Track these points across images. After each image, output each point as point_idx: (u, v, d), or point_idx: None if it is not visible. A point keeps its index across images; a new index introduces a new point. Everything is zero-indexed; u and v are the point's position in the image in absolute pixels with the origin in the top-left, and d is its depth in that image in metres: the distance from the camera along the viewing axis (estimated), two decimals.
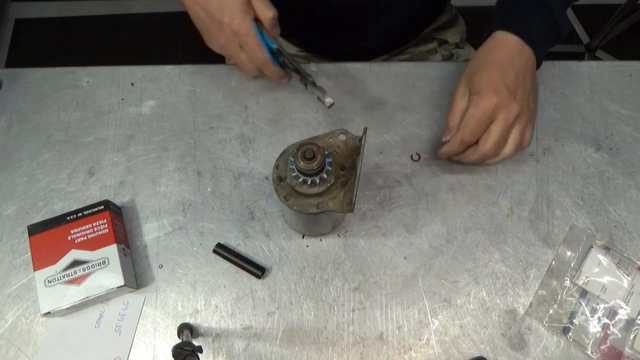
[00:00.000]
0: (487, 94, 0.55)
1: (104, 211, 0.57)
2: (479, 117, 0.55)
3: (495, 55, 0.57)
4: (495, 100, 0.54)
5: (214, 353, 0.56)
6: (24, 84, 0.70)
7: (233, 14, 0.58)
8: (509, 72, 0.56)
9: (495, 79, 0.55)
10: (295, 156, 0.45)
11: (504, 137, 0.56)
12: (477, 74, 0.57)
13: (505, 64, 0.56)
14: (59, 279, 0.54)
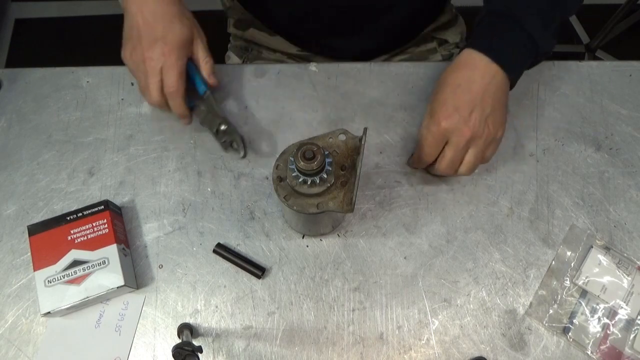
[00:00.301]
0: (437, 118, 0.54)
1: (104, 211, 0.57)
2: (430, 141, 0.55)
3: (455, 76, 0.56)
4: (444, 125, 0.54)
5: (214, 353, 0.56)
6: (24, 84, 0.70)
7: (173, 39, 0.59)
8: (463, 95, 0.54)
9: (448, 102, 0.54)
10: (295, 156, 0.45)
11: (457, 158, 0.55)
12: (434, 95, 0.57)
13: (461, 85, 0.55)
14: (59, 279, 0.54)
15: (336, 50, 0.82)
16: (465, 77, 0.55)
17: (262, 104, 0.68)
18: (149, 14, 0.59)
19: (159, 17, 0.59)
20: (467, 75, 0.55)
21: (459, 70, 0.56)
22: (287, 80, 0.69)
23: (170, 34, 0.59)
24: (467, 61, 0.56)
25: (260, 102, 0.68)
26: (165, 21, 0.59)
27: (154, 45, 0.58)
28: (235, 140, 0.63)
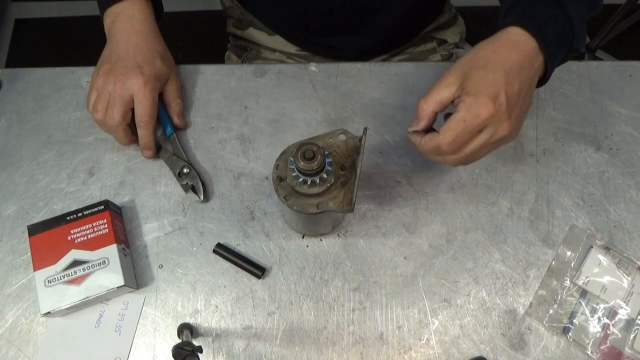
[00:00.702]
0: (485, 100, 0.46)
1: (104, 211, 0.57)
2: (469, 125, 0.46)
3: (506, 56, 0.48)
4: (492, 110, 0.46)
5: (214, 353, 0.56)
6: (24, 84, 0.70)
7: (151, 71, 0.59)
8: (514, 82, 0.47)
9: (499, 85, 0.46)
10: (295, 156, 0.45)
11: (478, 154, 0.49)
12: (477, 71, 0.47)
13: (513, 70, 0.47)
14: (59, 279, 0.54)
15: (335, 49, 0.82)
16: (517, 63, 0.48)
17: (262, 104, 0.68)
18: (132, 46, 0.60)
19: (142, 51, 0.60)
20: (518, 61, 0.48)
21: (511, 51, 0.48)
22: (287, 80, 0.69)
23: (148, 67, 0.60)
24: (518, 42, 0.48)
25: (260, 102, 0.68)
26: (147, 55, 0.60)
27: (131, 72, 0.59)
28: (195, 184, 0.62)
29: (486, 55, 0.49)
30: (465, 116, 0.46)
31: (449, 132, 0.47)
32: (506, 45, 0.49)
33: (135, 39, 0.61)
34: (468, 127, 0.46)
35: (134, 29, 0.61)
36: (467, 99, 0.46)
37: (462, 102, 0.47)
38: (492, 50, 0.49)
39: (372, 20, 0.76)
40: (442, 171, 0.64)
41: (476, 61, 0.49)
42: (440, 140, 0.48)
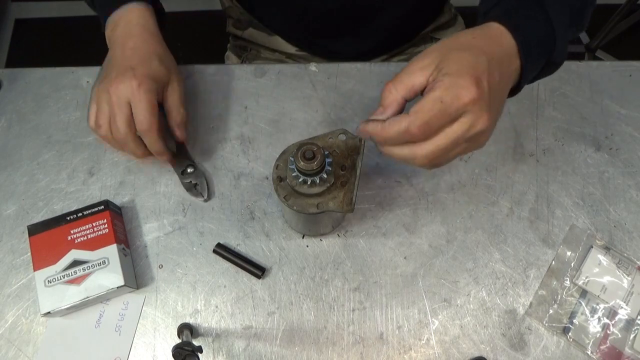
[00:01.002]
0: (468, 81, 0.40)
1: (104, 211, 0.57)
2: (447, 106, 0.40)
3: (487, 45, 0.44)
4: (475, 93, 0.40)
5: (214, 353, 0.56)
6: (24, 84, 0.70)
7: (144, 72, 0.55)
8: (495, 71, 0.42)
9: (481, 68, 0.41)
10: (295, 156, 0.45)
11: (451, 149, 0.42)
12: (457, 52, 0.42)
13: (494, 59, 0.43)
14: (59, 279, 0.54)
15: (334, 51, 0.82)
16: (499, 54, 0.43)
17: (262, 104, 0.68)
18: (129, 50, 0.57)
19: (139, 53, 0.57)
20: (499, 53, 0.44)
21: (492, 43, 0.44)
22: (287, 80, 0.69)
23: (142, 67, 0.55)
24: (499, 38, 0.44)
25: (260, 102, 0.68)
26: (142, 57, 0.56)
27: (123, 75, 0.54)
28: (199, 183, 0.62)
29: (466, 40, 0.44)
30: (443, 96, 0.40)
31: (421, 113, 0.40)
32: (486, 36, 0.45)
33: (132, 42, 0.57)
34: (446, 109, 0.40)
35: (132, 33, 0.58)
36: (446, 79, 0.40)
37: (439, 82, 0.41)
38: (472, 36, 0.45)
39: (372, 21, 0.76)
40: (442, 171, 0.64)
41: (455, 44, 0.44)
42: (411, 122, 0.40)
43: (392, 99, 0.44)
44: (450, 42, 0.44)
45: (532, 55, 0.46)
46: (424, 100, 0.40)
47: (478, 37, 0.44)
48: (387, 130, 0.42)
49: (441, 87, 0.40)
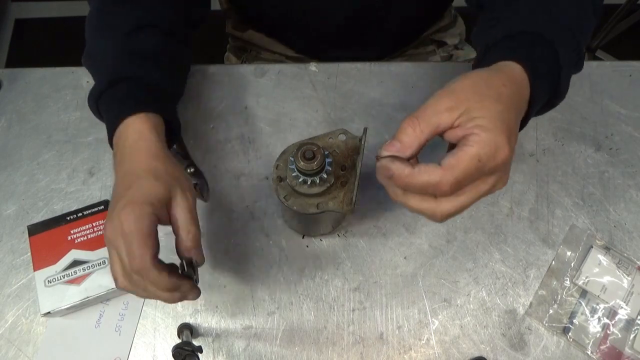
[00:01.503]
0: (504, 141, 0.37)
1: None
2: (483, 166, 0.37)
3: (515, 95, 0.41)
4: (508, 153, 0.37)
5: (214, 353, 0.56)
6: (24, 84, 0.70)
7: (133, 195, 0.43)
8: (517, 127, 0.41)
9: (512, 126, 0.39)
10: (295, 156, 0.45)
11: (469, 205, 0.39)
12: (490, 102, 0.38)
13: (519, 112, 0.41)
14: (59, 279, 0.54)
15: (337, 57, 0.82)
16: (520, 106, 0.42)
17: (262, 104, 0.68)
18: (121, 175, 0.47)
19: (129, 175, 0.46)
20: (520, 104, 0.42)
21: (517, 93, 0.41)
22: (287, 80, 0.69)
23: (130, 191, 0.44)
24: (520, 84, 0.42)
25: (260, 102, 0.68)
26: (132, 178, 0.45)
27: (111, 212, 0.43)
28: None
29: (497, 86, 0.40)
30: (480, 154, 0.36)
31: (457, 170, 0.36)
32: (514, 84, 0.41)
33: (123, 166, 0.47)
34: (482, 168, 0.37)
35: (124, 157, 0.48)
36: (483, 134, 0.37)
37: (474, 136, 0.37)
38: (503, 83, 0.40)
39: (372, 33, 0.76)
40: None
41: (486, 89, 0.39)
42: (444, 176, 0.36)
43: (414, 138, 0.38)
44: (480, 83, 0.40)
45: (540, 97, 0.44)
46: (460, 155, 0.36)
47: (507, 85, 0.40)
48: (415, 178, 0.37)
49: (478, 143, 0.37)
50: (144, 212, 0.42)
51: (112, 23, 0.54)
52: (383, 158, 0.39)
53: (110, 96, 0.51)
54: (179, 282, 0.45)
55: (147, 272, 0.42)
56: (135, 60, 0.52)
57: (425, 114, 0.38)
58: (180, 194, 0.46)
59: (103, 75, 0.52)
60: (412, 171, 0.37)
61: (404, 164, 0.38)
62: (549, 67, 0.44)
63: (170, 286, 0.44)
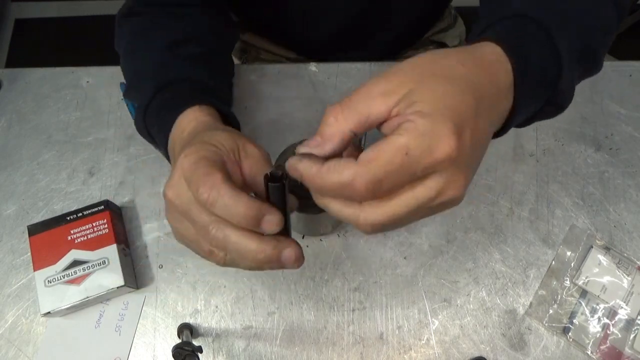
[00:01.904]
0: (448, 128, 0.28)
1: (104, 211, 0.57)
2: (413, 161, 0.28)
3: (478, 77, 0.32)
4: (454, 147, 0.28)
5: (214, 353, 0.56)
6: (24, 84, 0.70)
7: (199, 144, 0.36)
8: (483, 116, 0.31)
9: (467, 112, 0.30)
10: None
11: (409, 217, 0.30)
12: (438, 82, 0.30)
13: (485, 100, 0.31)
14: (59, 279, 0.54)
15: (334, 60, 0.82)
16: (491, 93, 0.32)
17: (262, 104, 0.68)
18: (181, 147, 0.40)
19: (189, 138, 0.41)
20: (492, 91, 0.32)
21: (483, 74, 0.32)
22: (287, 80, 0.69)
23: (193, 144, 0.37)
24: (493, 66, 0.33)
25: (260, 102, 0.68)
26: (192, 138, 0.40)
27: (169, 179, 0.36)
28: None
29: (450, 65, 0.31)
30: (410, 145, 0.28)
31: (374, 165, 0.28)
32: (478, 63, 0.32)
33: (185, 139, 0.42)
34: (410, 166, 0.28)
35: (183, 142, 0.42)
36: (418, 121, 0.28)
37: (409, 123, 0.29)
38: (460, 61, 0.32)
39: (371, 38, 0.76)
40: None
41: (435, 68, 0.31)
42: (357, 174, 0.28)
43: (335, 129, 0.31)
44: (428, 62, 0.32)
45: (530, 90, 0.35)
46: (382, 146, 0.29)
47: (467, 64, 0.32)
48: (323, 179, 0.30)
49: (409, 131, 0.28)
50: (205, 147, 0.35)
51: (149, 45, 0.52)
52: (292, 157, 0.31)
53: (156, 105, 0.47)
54: (262, 204, 0.32)
55: (218, 191, 0.32)
56: (178, 63, 0.50)
57: (353, 101, 0.31)
58: (250, 143, 0.38)
59: (146, 88, 0.47)
60: (321, 169, 0.30)
61: (313, 162, 0.30)
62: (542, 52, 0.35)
63: (252, 207, 0.32)
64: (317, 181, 0.30)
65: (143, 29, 0.54)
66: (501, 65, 0.33)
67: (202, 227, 0.34)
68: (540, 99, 0.37)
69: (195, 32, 0.54)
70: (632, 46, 1.72)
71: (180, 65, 0.50)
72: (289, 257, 0.33)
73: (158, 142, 0.47)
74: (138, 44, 0.54)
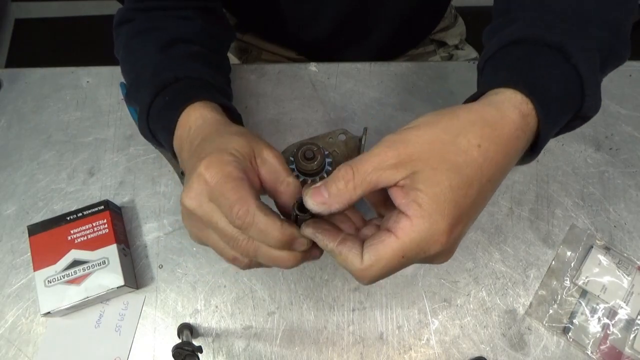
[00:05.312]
0: (442, 230, 0.31)
1: (104, 211, 0.57)
2: (407, 260, 0.32)
3: (492, 156, 0.32)
4: (443, 245, 0.32)
5: (214, 353, 0.56)
6: (24, 84, 0.70)
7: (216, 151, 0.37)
8: (485, 197, 0.34)
9: (466, 206, 0.32)
10: (295, 156, 0.45)
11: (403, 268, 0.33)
12: (441, 171, 0.31)
13: (492, 180, 0.33)
14: (59, 279, 0.54)
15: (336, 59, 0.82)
16: (502, 165, 0.33)
17: (262, 104, 0.68)
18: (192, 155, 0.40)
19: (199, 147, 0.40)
20: (504, 161, 0.33)
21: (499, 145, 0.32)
22: (287, 80, 0.69)
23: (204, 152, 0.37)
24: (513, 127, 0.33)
25: (260, 102, 0.68)
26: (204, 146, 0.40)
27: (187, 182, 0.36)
28: None
29: (468, 148, 0.32)
30: (406, 249, 0.31)
31: (377, 267, 0.32)
32: (499, 136, 0.32)
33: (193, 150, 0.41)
34: (407, 263, 0.32)
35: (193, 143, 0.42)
36: (416, 220, 0.31)
37: (406, 220, 0.31)
38: (478, 142, 0.32)
39: (365, 39, 0.76)
40: None
41: (449, 150, 0.32)
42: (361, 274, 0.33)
43: (345, 194, 0.32)
44: (445, 139, 0.32)
45: (553, 124, 0.36)
46: (382, 250, 0.31)
47: (485, 143, 0.32)
48: (336, 257, 0.34)
49: (407, 234, 0.31)
50: (226, 159, 0.35)
51: (143, 49, 0.52)
52: (307, 228, 0.35)
53: (157, 107, 0.47)
54: (294, 230, 0.35)
55: (253, 218, 0.33)
56: (174, 63, 0.50)
57: (364, 167, 0.32)
58: (265, 148, 0.39)
59: (145, 94, 0.47)
60: (334, 249, 0.33)
61: (327, 238, 0.34)
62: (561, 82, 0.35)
63: (285, 233, 0.34)
64: (331, 253, 0.34)
65: (137, 32, 0.54)
66: (524, 128, 0.33)
67: (232, 238, 0.35)
68: (563, 123, 0.38)
69: (188, 33, 0.54)
70: (632, 46, 1.71)
71: (175, 65, 0.50)
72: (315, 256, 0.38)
73: (165, 144, 0.47)
74: (132, 49, 0.54)
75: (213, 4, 0.60)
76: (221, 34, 0.61)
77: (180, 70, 0.48)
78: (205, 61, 0.53)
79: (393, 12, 0.71)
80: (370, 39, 0.76)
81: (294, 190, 0.38)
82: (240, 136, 0.39)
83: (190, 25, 0.55)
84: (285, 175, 0.38)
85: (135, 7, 0.56)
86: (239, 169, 0.35)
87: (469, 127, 0.32)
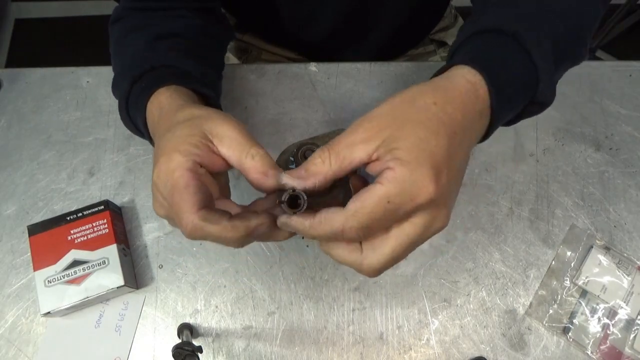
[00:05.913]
0: (426, 175, 0.32)
1: (104, 211, 0.57)
2: (395, 208, 0.32)
3: (450, 114, 0.34)
4: (432, 191, 0.32)
5: (214, 353, 0.56)
6: (24, 84, 0.70)
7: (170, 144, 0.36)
8: (458, 152, 0.34)
9: (442, 155, 0.33)
10: (295, 156, 0.45)
11: (406, 251, 0.34)
12: (413, 127, 0.33)
13: (458, 135, 0.34)
14: (59, 279, 0.54)
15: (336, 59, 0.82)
16: (463, 125, 0.35)
17: (262, 104, 0.68)
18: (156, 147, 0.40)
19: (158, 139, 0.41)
20: (465, 122, 0.35)
21: (456, 106, 0.35)
22: (287, 80, 0.69)
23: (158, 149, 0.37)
24: (467, 94, 0.35)
25: (260, 102, 0.68)
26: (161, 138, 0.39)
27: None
28: None
29: (425, 106, 0.34)
30: (390, 194, 0.32)
31: (360, 214, 0.32)
32: (452, 99, 0.35)
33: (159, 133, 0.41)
34: (393, 212, 0.32)
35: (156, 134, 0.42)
36: (399, 169, 0.32)
37: (389, 171, 0.32)
38: (434, 101, 0.34)
39: (365, 39, 0.76)
40: None
41: (411, 111, 0.34)
42: (346, 223, 0.33)
43: (320, 170, 0.34)
44: (404, 104, 0.34)
45: (507, 103, 0.38)
46: (365, 196, 0.32)
47: (440, 102, 0.34)
48: (316, 230, 0.34)
49: (389, 180, 0.32)
50: (173, 164, 0.35)
51: (131, 42, 0.53)
52: (281, 216, 0.36)
53: (135, 93, 0.46)
54: (247, 222, 0.35)
55: (203, 230, 0.34)
56: (156, 55, 0.50)
57: (338, 146, 0.34)
58: (221, 124, 0.37)
59: (125, 79, 0.47)
60: (313, 222, 0.34)
61: (303, 217, 0.34)
62: (515, 63, 0.38)
63: (239, 231, 0.35)
64: (312, 232, 0.34)
65: (129, 30, 0.55)
66: (474, 93, 0.36)
67: None
68: (519, 105, 0.40)
69: (176, 28, 0.54)
70: (632, 46, 1.72)
71: (157, 56, 0.50)
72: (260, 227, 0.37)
73: (146, 135, 0.47)
74: (122, 44, 0.54)
75: (211, 4, 0.61)
76: (220, 34, 0.61)
77: (158, 60, 0.49)
78: (189, 53, 0.52)
79: (393, 12, 0.71)
80: (370, 39, 0.77)
81: (261, 163, 0.36)
82: (187, 123, 0.37)
83: (181, 22, 0.56)
84: (249, 146, 0.36)
85: (132, 7, 0.57)
86: (189, 169, 0.35)
87: (424, 91, 0.35)
